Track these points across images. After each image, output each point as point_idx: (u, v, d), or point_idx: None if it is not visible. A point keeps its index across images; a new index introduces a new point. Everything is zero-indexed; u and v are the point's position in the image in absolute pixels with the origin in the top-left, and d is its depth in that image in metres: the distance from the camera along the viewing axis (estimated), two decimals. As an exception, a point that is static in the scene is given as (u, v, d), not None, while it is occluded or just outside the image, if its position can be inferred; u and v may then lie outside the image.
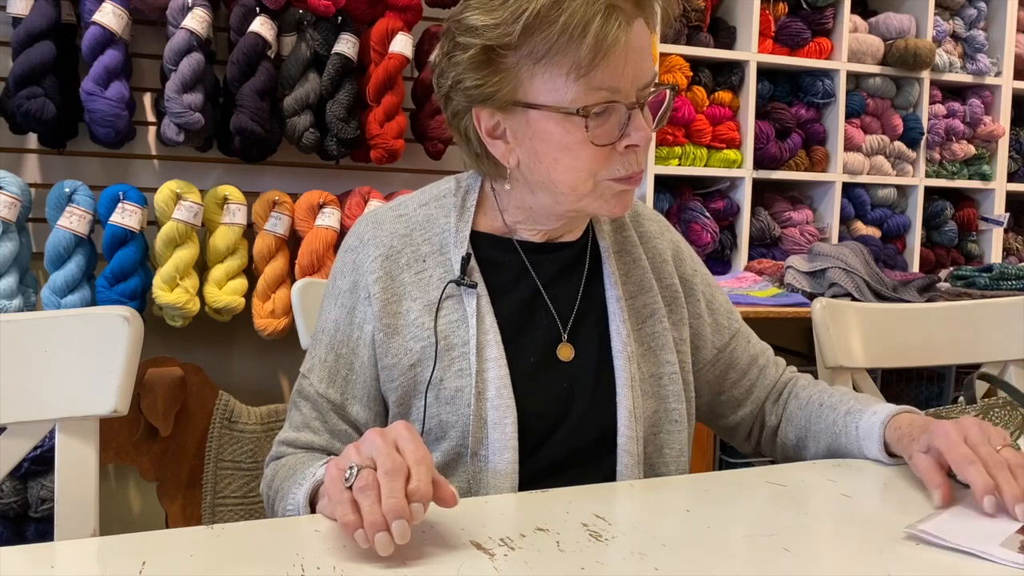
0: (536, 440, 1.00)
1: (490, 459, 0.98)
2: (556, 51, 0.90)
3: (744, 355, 1.17)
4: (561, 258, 1.07)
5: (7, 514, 1.93)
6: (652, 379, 1.06)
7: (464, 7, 0.95)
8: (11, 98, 1.92)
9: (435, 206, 1.07)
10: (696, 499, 0.92)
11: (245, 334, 2.22)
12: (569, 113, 0.92)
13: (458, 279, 1.01)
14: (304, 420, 1.04)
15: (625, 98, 0.93)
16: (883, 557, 0.77)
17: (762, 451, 1.21)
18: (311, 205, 2.17)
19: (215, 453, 2.07)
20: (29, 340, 1.02)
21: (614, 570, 0.73)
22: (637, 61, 0.93)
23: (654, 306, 1.08)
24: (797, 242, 2.80)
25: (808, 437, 1.13)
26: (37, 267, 2.04)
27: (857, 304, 1.40)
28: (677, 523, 0.85)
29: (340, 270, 1.06)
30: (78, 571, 0.74)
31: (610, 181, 0.96)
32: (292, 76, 2.14)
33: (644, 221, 1.15)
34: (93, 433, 1.04)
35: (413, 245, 1.04)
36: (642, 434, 1.03)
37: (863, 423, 1.05)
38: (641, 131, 0.94)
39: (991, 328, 1.43)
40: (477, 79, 0.94)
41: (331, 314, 1.06)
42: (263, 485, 1.05)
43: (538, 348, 1.03)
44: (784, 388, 1.19)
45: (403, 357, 1.00)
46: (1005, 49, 3.06)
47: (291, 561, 0.73)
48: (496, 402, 0.98)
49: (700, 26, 2.68)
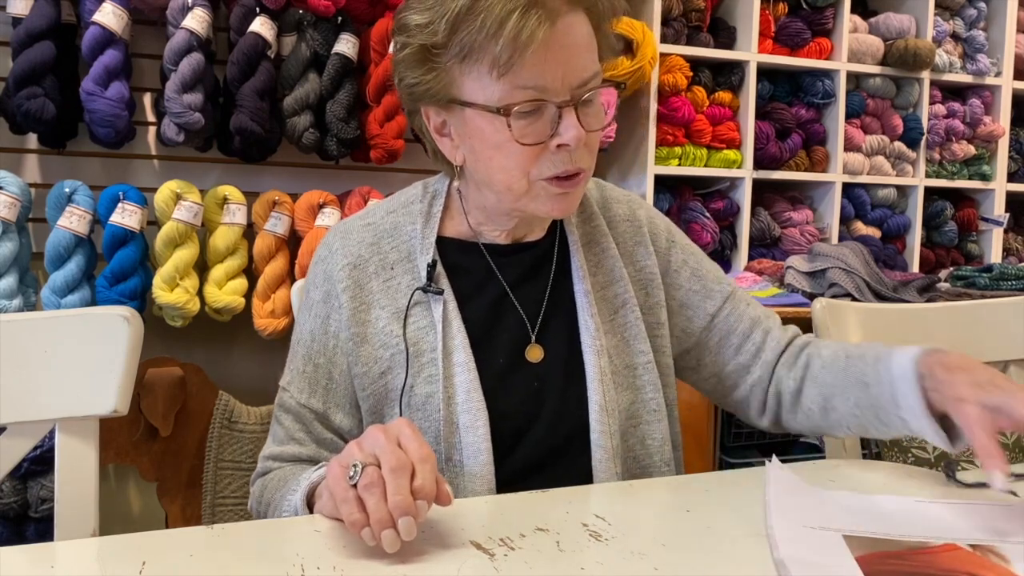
0: (510, 441, 1.00)
1: (465, 463, 0.98)
2: (477, 48, 0.90)
3: (744, 317, 1.13)
4: (527, 258, 1.07)
5: (7, 514, 1.93)
6: (627, 370, 1.06)
7: (405, 6, 0.96)
8: (11, 98, 1.92)
9: (402, 213, 1.07)
10: (696, 499, 0.92)
11: (245, 334, 2.22)
12: (493, 111, 0.92)
13: (424, 286, 1.01)
14: (288, 433, 1.04)
15: (555, 96, 0.91)
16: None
17: (783, 424, 1.13)
18: (311, 205, 2.17)
19: (215, 453, 2.07)
20: (29, 340, 1.02)
21: (614, 570, 0.73)
22: (566, 58, 0.91)
23: (625, 296, 1.08)
24: (797, 242, 2.80)
25: (836, 396, 1.03)
26: (37, 267, 2.04)
27: (857, 304, 1.40)
28: (677, 523, 0.85)
29: (312, 281, 1.07)
30: (78, 571, 0.74)
31: (544, 182, 0.95)
32: (292, 76, 2.14)
33: (612, 205, 1.14)
34: (93, 433, 1.04)
35: (381, 253, 1.04)
36: (616, 427, 1.02)
37: (895, 364, 0.95)
38: (572, 130, 0.92)
39: (991, 328, 1.43)
40: (415, 77, 0.96)
41: (306, 325, 1.06)
42: (252, 503, 1.04)
43: (507, 350, 1.03)
44: (802, 351, 1.12)
45: (373, 365, 1.01)
46: (1005, 49, 3.06)
47: (291, 561, 0.73)
48: (466, 406, 0.98)
49: (700, 26, 2.68)
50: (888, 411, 0.95)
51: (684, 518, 0.86)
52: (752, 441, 2.41)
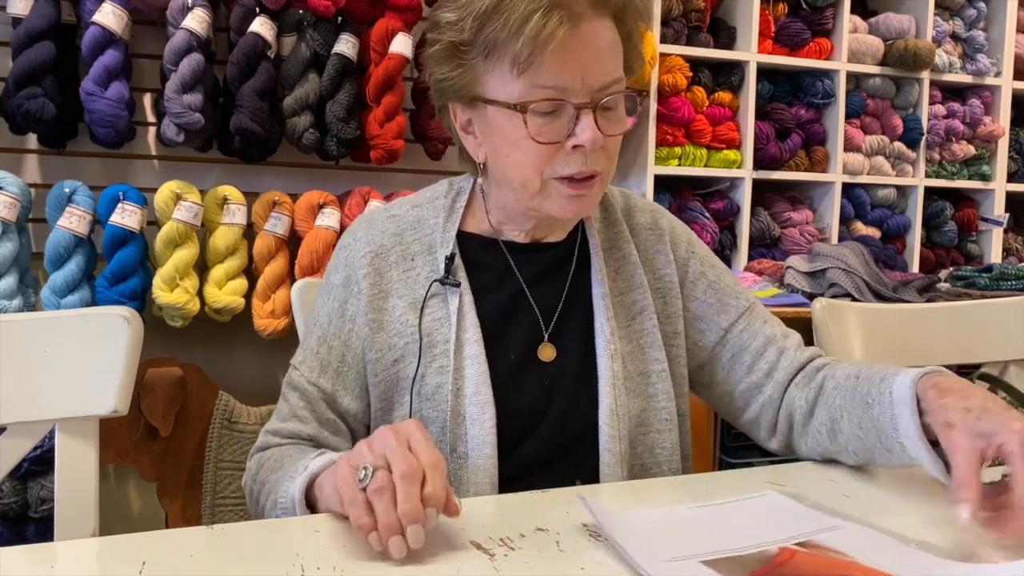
0: (515, 437, 1.01)
1: (469, 455, 0.99)
2: (500, 46, 0.93)
3: (758, 335, 1.11)
4: (546, 258, 1.08)
5: (7, 514, 1.93)
6: (640, 377, 1.06)
7: (439, 4, 1.00)
8: (11, 98, 1.92)
9: (427, 208, 1.09)
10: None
11: (245, 334, 2.21)
12: (512, 108, 0.94)
13: (442, 278, 1.03)
14: (291, 410, 1.05)
15: (574, 97, 0.94)
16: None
17: (794, 447, 1.09)
18: (311, 205, 2.17)
19: (215, 453, 2.07)
20: (29, 340, 1.02)
21: (614, 570, 0.73)
22: (587, 61, 0.93)
23: (643, 303, 1.08)
24: (797, 242, 2.80)
25: (843, 418, 0.98)
26: (37, 267, 2.04)
27: (857, 304, 1.40)
28: (677, 523, 0.85)
29: (334, 266, 1.09)
30: (78, 571, 0.74)
31: (557, 181, 0.97)
32: (292, 76, 2.14)
33: (636, 213, 1.14)
34: (93, 433, 1.04)
35: (403, 244, 1.06)
36: (625, 432, 1.02)
37: (897, 385, 0.90)
38: (588, 132, 0.93)
39: (991, 328, 1.43)
40: (443, 73, 0.99)
41: (324, 308, 1.08)
42: (246, 478, 1.04)
43: (519, 347, 1.04)
44: (818, 372, 1.08)
45: (386, 352, 1.03)
46: (1005, 49, 3.06)
47: (291, 561, 0.73)
48: (475, 399, 0.99)
49: (700, 26, 2.68)
50: (889, 435, 0.91)
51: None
52: (752, 441, 2.41)
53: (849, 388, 0.99)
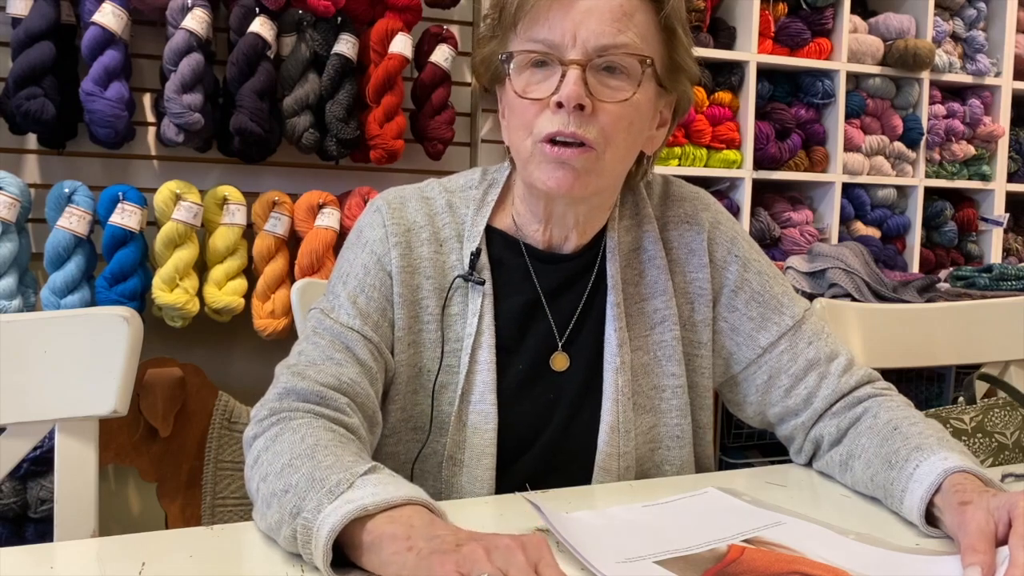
0: (514, 449, 0.99)
1: (466, 464, 0.97)
2: (506, 10, 0.95)
3: (799, 358, 1.02)
4: (566, 269, 1.04)
5: (7, 514, 1.92)
6: (652, 391, 1.03)
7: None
8: (11, 98, 1.92)
9: (459, 195, 1.06)
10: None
11: (245, 334, 2.21)
12: (500, 60, 0.95)
13: (466, 275, 1.00)
14: (324, 352, 0.94)
15: (564, 53, 0.90)
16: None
17: (815, 466, 1.05)
18: (311, 205, 2.17)
19: (215, 454, 2.07)
20: (29, 340, 1.02)
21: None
22: (583, 19, 0.90)
23: (665, 312, 1.03)
24: (797, 242, 2.80)
25: (859, 460, 0.94)
26: (37, 267, 2.04)
27: (857, 304, 1.40)
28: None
29: (368, 223, 1.03)
30: (78, 571, 0.74)
31: (542, 144, 0.92)
32: (292, 76, 2.14)
33: (674, 203, 1.08)
34: (93, 433, 1.04)
35: (434, 227, 1.03)
36: (629, 449, 1.00)
37: (925, 465, 0.84)
38: (568, 87, 0.89)
39: (991, 328, 1.43)
40: (483, 55, 1.01)
41: (359, 259, 1.01)
42: (249, 459, 0.87)
43: (530, 356, 1.01)
44: (860, 403, 1.01)
45: (407, 332, 0.99)
46: (1005, 49, 3.06)
47: (291, 561, 0.73)
48: (479, 406, 0.97)
49: (700, 26, 2.68)
50: (894, 500, 0.87)
51: (684, 518, 0.86)
52: (752, 441, 2.41)
53: (882, 437, 0.93)
